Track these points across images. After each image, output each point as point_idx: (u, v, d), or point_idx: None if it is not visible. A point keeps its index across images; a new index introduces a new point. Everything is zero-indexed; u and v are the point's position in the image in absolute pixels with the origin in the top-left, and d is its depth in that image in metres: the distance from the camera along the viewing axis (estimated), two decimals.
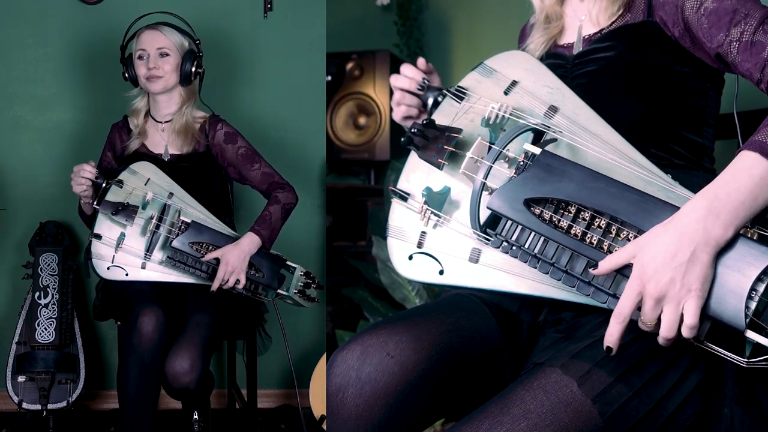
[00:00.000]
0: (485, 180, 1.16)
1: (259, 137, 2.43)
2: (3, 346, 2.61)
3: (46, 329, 2.41)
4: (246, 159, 2.23)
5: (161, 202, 2.07)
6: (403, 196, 1.29)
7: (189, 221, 2.05)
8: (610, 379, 1.02)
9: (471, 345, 1.20)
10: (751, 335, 0.91)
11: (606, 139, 1.14)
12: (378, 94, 3.07)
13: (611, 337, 0.99)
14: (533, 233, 1.10)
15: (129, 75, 2.21)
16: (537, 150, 1.12)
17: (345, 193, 3.06)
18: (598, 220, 1.05)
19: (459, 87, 1.30)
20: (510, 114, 1.22)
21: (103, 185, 2.05)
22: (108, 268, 2.04)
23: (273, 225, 2.14)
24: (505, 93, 1.26)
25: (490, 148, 1.19)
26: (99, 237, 2.05)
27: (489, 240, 1.16)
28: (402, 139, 1.26)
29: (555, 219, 1.08)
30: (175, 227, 2.05)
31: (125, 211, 2.04)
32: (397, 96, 1.40)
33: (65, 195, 2.61)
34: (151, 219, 2.06)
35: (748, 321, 0.91)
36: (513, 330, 1.27)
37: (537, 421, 0.99)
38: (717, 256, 0.94)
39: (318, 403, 2.41)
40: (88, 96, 2.72)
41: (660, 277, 0.94)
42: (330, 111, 3.12)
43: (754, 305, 0.92)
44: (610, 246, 1.03)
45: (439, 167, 1.24)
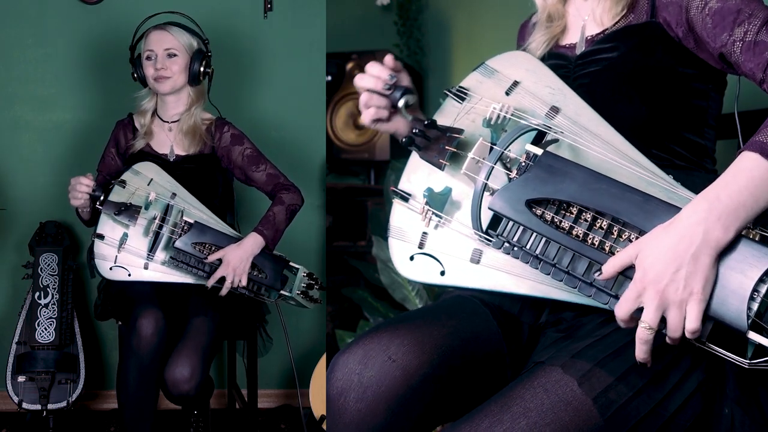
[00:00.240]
0: (487, 181, 1.16)
1: (260, 137, 2.43)
2: (3, 346, 2.61)
3: (46, 329, 2.41)
4: (251, 160, 2.23)
5: (164, 202, 2.07)
6: (405, 196, 1.29)
7: (192, 221, 2.05)
8: (610, 379, 1.02)
9: (472, 348, 1.20)
10: (753, 336, 0.91)
11: (608, 140, 1.14)
12: None
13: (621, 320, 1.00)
14: (535, 234, 1.10)
15: (138, 75, 2.21)
16: (539, 151, 1.12)
17: (345, 193, 3.06)
18: (599, 221, 1.05)
19: (460, 87, 1.30)
20: (511, 114, 1.22)
21: (101, 197, 2.05)
22: (111, 268, 2.04)
23: (277, 226, 2.14)
24: (507, 93, 1.26)
25: (491, 148, 1.18)
26: (102, 237, 2.04)
27: (490, 241, 1.16)
28: (403, 140, 1.25)
29: (556, 220, 1.08)
30: (178, 227, 2.05)
31: (128, 212, 2.04)
32: (364, 98, 1.30)
33: (65, 195, 2.60)
34: (154, 219, 2.05)
35: (750, 322, 0.91)
36: (514, 332, 1.26)
37: (537, 420, 0.99)
38: (719, 257, 0.94)
39: (318, 403, 2.41)
40: (88, 96, 2.72)
41: (661, 281, 0.94)
42: (330, 111, 3.12)
43: (756, 306, 0.91)
44: (611, 247, 1.03)
45: (441, 168, 1.24)
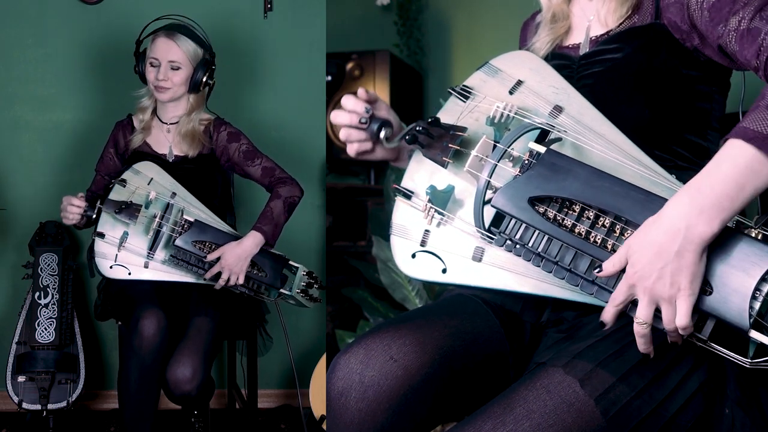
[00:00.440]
0: (490, 178, 1.16)
1: (260, 137, 2.43)
2: (3, 346, 2.60)
3: (46, 329, 2.41)
4: (247, 156, 2.24)
5: (164, 201, 2.07)
6: (407, 194, 1.29)
7: (192, 220, 2.06)
8: (612, 379, 1.02)
9: (474, 347, 1.20)
10: (755, 335, 0.91)
11: (611, 139, 1.14)
12: (378, 94, 3.05)
13: (606, 315, 1.02)
14: (537, 232, 1.10)
15: (139, 70, 2.20)
16: (542, 149, 1.12)
17: (345, 193, 3.06)
18: (602, 219, 1.05)
19: (464, 86, 1.30)
20: (515, 113, 1.22)
21: (93, 216, 2.06)
22: (111, 267, 2.04)
23: (275, 221, 2.14)
24: (510, 92, 1.25)
25: (494, 146, 1.18)
26: (102, 236, 2.04)
27: (493, 238, 1.16)
28: (406, 138, 1.25)
29: (559, 218, 1.08)
30: (178, 226, 2.05)
31: (128, 210, 2.04)
32: (343, 134, 1.31)
33: (65, 195, 2.62)
34: (154, 218, 2.06)
35: (752, 321, 0.91)
36: (516, 331, 1.26)
37: (540, 421, 0.99)
38: (716, 255, 0.94)
39: (318, 403, 2.41)
40: (88, 96, 2.72)
41: (648, 276, 0.95)
42: (330, 111, 3.12)
43: (758, 305, 0.91)
44: (614, 245, 1.03)
45: (444, 165, 1.24)
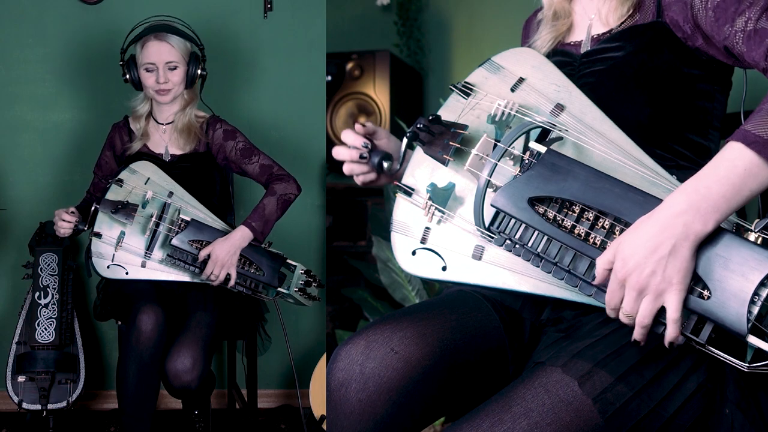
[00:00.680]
0: (490, 177, 1.16)
1: (259, 137, 2.43)
2: (3, 346, 2.61)
3: (46, 329, 2.41)
4: (244, 153, 2.23)
5: (161, 200, 2.07)
6: (408, 191, 1.29)
7: (189, 219, 2.06)
8: (611, 379, 1.02)
9: (474, 342, 1.20)
10: (753, 340, 0.91)
11: (612, 139, 1.13)
12: (378, 94, 3.07)
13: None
14: (537, 232, 1.10)
15: (132, 78, 2.19)
16: (542, 149, 1.11)
17: (345, 193, 3.06)
18: (602, 220, 1.05)
19: (466, 83, 1.30)
20: (516, 111, 1.22)
21: (84, 229, 2.09)
22: (108, 266, 2.04)
23: (267, 218, 2.13)
24: (512, 90, 1.25)
25: (495, 145, 1.18)
26: (99, 235, 2.05)
27: (492, 237, 1.16)
28: (407, 135, 1.25)
29: (559, 218, 1.08)
30: (175, 225, 2.05)
31: (125, 210, 2.04)
32: (347, 168, 1.35)
33: (65, 195, 2.62)
34: (151, 217, 2.06)
35: (750, 326, 0.91)
36: (516, 327, 1.26)
37: (538, 420, 0.99)
38: (715, 258, 0.94)
39: (318, 403, 2.41)
40: (88, 96, 2.72)
41: (641, 270, 0.95)
42: (330, 111, 3.12)
43: (756, 310, 0.91)
44: None
45: (444, 163, 1.24)
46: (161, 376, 1.97)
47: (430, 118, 1.25)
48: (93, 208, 2.07)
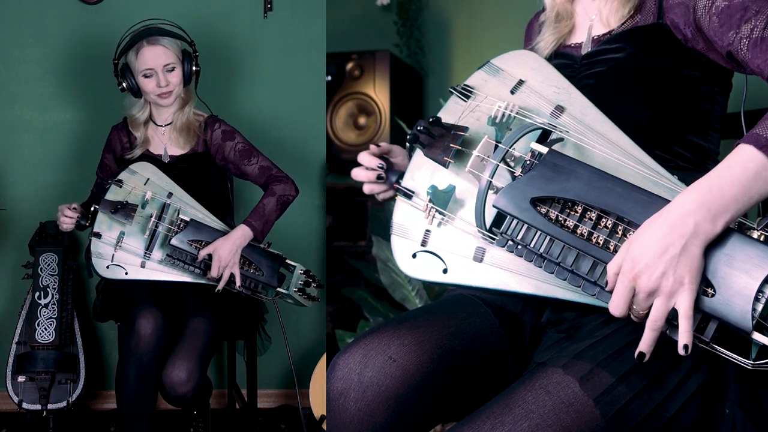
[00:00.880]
0: (491, 179, 1.16)
1: (259, 137, 2.43)
2: (3, 346, 2.60)
3: (46, 329, 2.41)
4: (243, 154, 2.23)
5: (160, 201, 2.07)
6: (408, 194, 1.29)
7: (188, 219, 2.06)
8: (611, 380, 1.02)
9: (473, 348, 1.20)
10: (758, 337, 0.91)
11: (613, 140, 1.14)
12: (378, 94, 3.07)
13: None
14: (539, 232, 1.10)
15: (129, 86, 2.16)
16: (544, 149, 1.11)
17: (345, 193, 3.06)
18: (604, 220, 1.05)
19: (465, 85, 1.30)
20: (516, 113, 1.22)
21: (86, 224, 2.10)
22: (107, 266, 2.04)
23: (266, 217, 2.13)
24: (512, 92, 1.25)
25: (496, 146, 1.18)
26: (99, 236, 2.05)
27: (494, 239, 1.16)
28: (407, 137, 1.25)
29: (561, 218, 1.08)
30: (174, 225, 2.05)
31: (124, 210, 2.05)
32: (366, 188, 1.37)
33: (65, 195, 2.62)
34: (151, 218, 2.06)
35: (754, 323, 0.91)
36: (516, 331, 1.26)
37: (539, 422, 0.99)
38: (719, 256, 0.94)
39: (318, 403, 2.41)
40: (88, 96, 2.71)
41: (652, 271, 0.94)
42: (330, 111, 3.12)
43: (760, 307, 0.91)
44: (616, 246, 1.03)
45: (445, 165, 1.24)
46: (158, 383, 1.97)
47: (430, 120, 1.26)
48: (93, 208, 2.07)
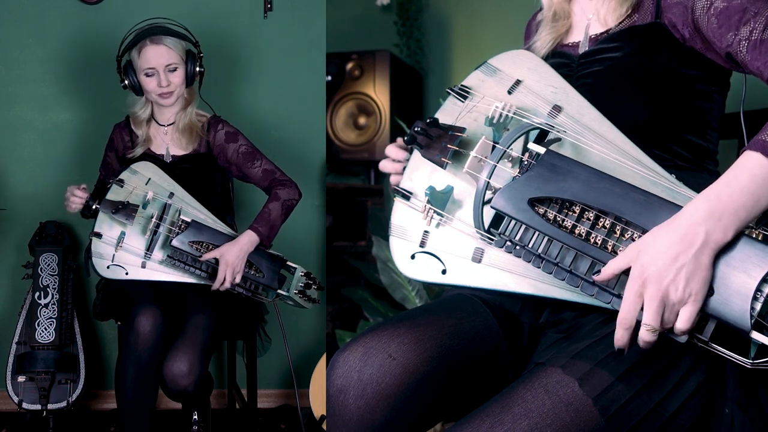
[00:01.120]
0: (489, 179, 1.16)
1: (259, 137, 2.43)
2: (3, 346, 2.61)
3: (46, 329, 2.41)
4: (247, 157, 2.23)
5: (162, 201, 2.07)
6: (406, 195, 1.29)
7: (189, 220, 2.06)
8: (611, 379, 1.02)
9: (472, 347, 1.20)
10: (756, 336, 0.91)
11: (610, 139, 1.14)
12: (378, 94, 3.07)
13: (621, 341, 0.98)
14: (537, 233, 1.10)
15: (131, 84, 2.16)
16: (541, 149, 1.11)
17: (345, 193, 3.06)
18: (602, 219, 1.05)
19: (462, 86, 1.30)
20: (514, 113, 1.22)
21: (94, 207, 2.08)
22: (108, 266, 2.04)
23: (272, 223, 2.13)
24: (509, 92, 1.25)
25: (493, 147, 1.18)
26: (99, 236, 2.05)
27: (492, 239, 1.16)
28: (405, 138, 1.25)
29: (559, 219, 1.08)
30: (175, 226, 2.05)
31: (125, 210, 2.04)
32: (393, 180, 1.39)
33: (65, 195, 2.61)
34: (152, 218, 2.06)
35: (753, 322, 0.91)
36: (515, 332, 1.26)
37: (538, 421, 1.00)
38: (718, 256, 0.94)
39: (318, 403, 2.41)
40: (88, 96, 2.71)
41: (662, 280, 0.94)
42: (330, 111, 3.12)
43: (759, 306, 0.91)
44: (614, 246, 1.03)
45: (443, 166, 1.24)
46: (159, 379, 1.97)
47: (427, 121, 1.26)
48: (93, 208, 2.08)
